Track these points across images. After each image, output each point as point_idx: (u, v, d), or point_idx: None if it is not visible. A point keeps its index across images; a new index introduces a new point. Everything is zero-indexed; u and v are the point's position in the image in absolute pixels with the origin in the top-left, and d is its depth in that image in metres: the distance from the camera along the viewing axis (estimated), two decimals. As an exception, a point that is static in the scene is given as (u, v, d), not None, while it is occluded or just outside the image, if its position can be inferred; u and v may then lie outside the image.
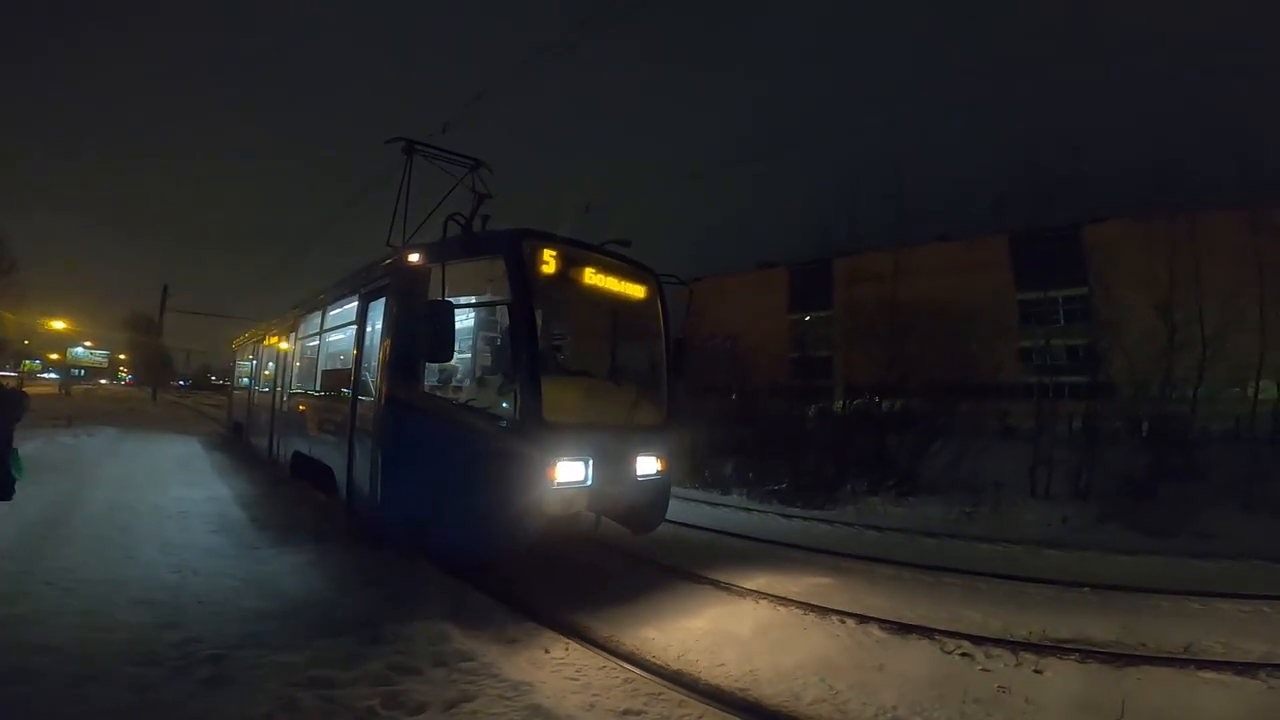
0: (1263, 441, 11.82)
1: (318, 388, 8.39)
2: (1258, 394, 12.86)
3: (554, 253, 5.58)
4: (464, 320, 6.61)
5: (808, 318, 38.06)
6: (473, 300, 6.26)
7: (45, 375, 61.92)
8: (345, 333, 7.61)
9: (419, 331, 5.29)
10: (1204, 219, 13.17)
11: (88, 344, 79.14)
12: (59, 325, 52.77)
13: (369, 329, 6.68)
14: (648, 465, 6.07)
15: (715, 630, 4.90)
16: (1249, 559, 7.51)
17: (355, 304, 7.03)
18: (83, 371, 76.32)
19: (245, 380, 15.62)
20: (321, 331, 8.55)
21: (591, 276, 5.91)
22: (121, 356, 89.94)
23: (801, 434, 14.37)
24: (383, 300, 6.32)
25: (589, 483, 5.39)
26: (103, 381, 75.68)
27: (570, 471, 5.24)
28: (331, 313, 8.28)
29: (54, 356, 69.30)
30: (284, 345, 10.62)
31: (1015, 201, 14.95)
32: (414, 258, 5.79)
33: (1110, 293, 14.59)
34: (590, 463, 5.37)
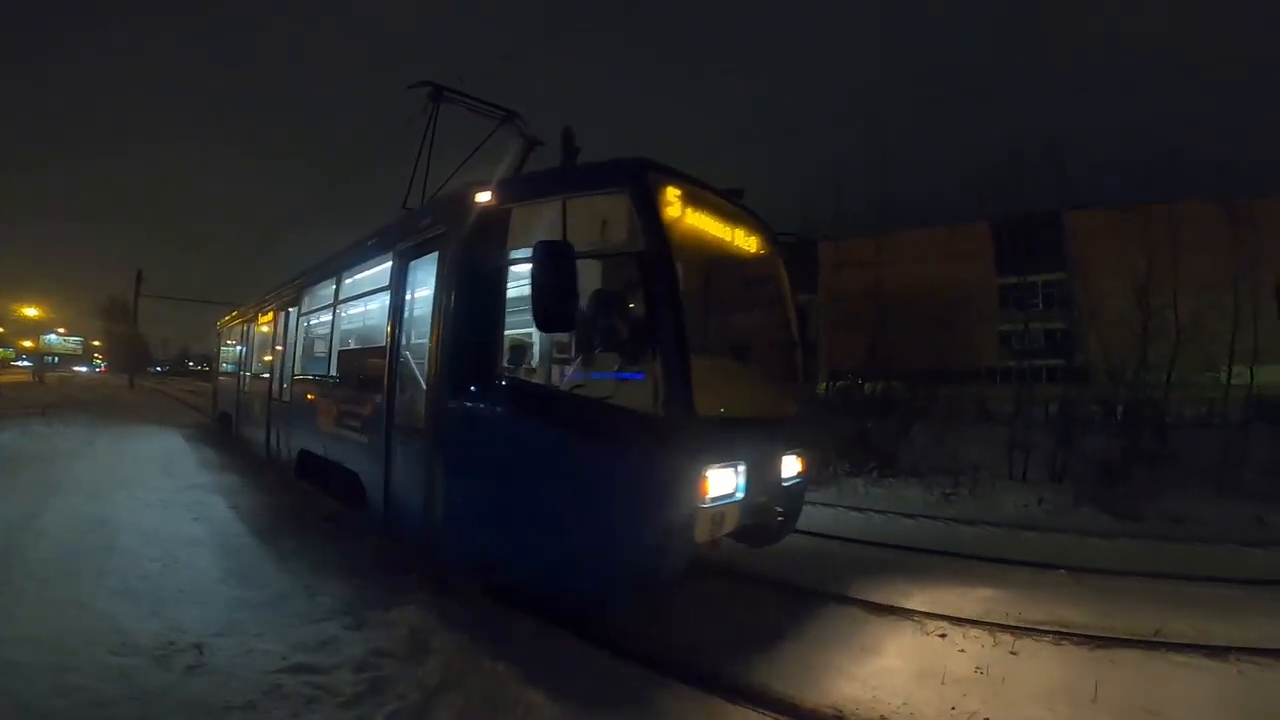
0: (1234, 426, 12.03)
1: (334, 372, 6.99)
2: (1230, 379, 13.07)
3: (680, 192, 4.28)
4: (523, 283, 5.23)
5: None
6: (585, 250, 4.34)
7: (18, 363, 61.05)
8: (373, 303, 6.39)
9: (500, 291, 4.31)
10: (1182, 208, 13.33)
11: (60, 331, 78.17)
12: (31, 312, 52.14)
13: (409, 296, 5.44)
14: (791, 466, 5.00)
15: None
16: (1219, 542, 7.67)
17: (389, 265, 5.69)
18: (56, 359, 75.29)
19: (233, 366, 14.04)
20: (336, 304, 7.11)
21: (719, 228, 4.71)
22: (96, 343, 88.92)
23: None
24: (434, 256, 4.92)
25: (741, 495, 4.19)
26: (81, 369, 74.55)
27: (724, 482, 4.05)
28: (349, 280, 6.90)
29: (27, 344, 68.32)
30: (284, 323, 9.18)
31: (997, 189, 15.04)
32: (483, 197, 4.51)
33: (1088, 278, 14.77)
34: (743, 468, 4.20)
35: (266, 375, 9.83)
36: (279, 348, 9.33)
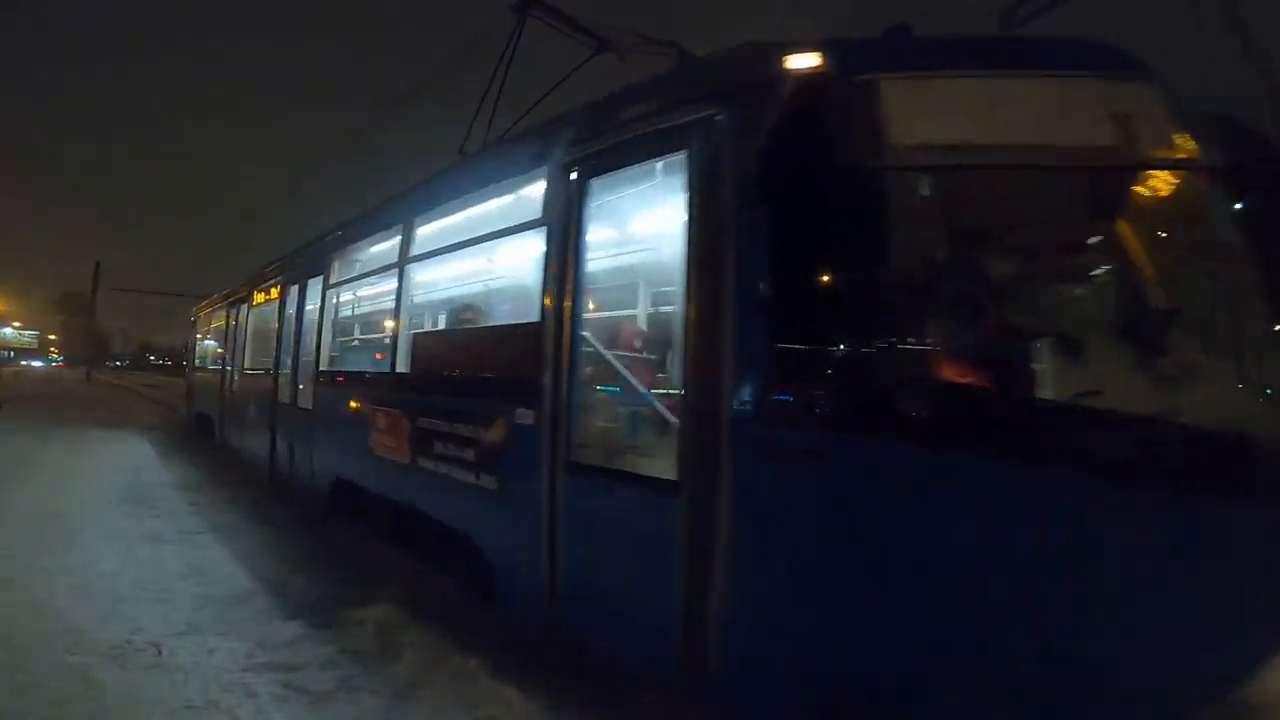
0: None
1: (403, 368, 4.90)
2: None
3: None
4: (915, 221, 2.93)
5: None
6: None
7: (-27, 358, 59.43)
8: (491, 255, 4.61)
9: (882, 229, 2.32)
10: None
11: (16, 324, 76.54)
12: (-14, 304, 50.96)
13: (592, 234, 3.42)
14: None
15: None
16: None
17: (539, 188, 3.60)
18: (12, 354, 73.54)
19: (216, 359, 11.95)
20: (403, 264, 5.00)
21: None
22: (52, 337, 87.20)
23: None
24: (681, 158, 2.76)
25: None
26: (36, 364, 72.44)
27: None
28: (430, 227, 4.88)
29: (-19, 338, 66.54)
30: (300, 302, 7.18)
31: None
32: (807, 60, 2.44)
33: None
34: None
35: (272, 371, 7.96)
36: (294, 333, 7.26)
